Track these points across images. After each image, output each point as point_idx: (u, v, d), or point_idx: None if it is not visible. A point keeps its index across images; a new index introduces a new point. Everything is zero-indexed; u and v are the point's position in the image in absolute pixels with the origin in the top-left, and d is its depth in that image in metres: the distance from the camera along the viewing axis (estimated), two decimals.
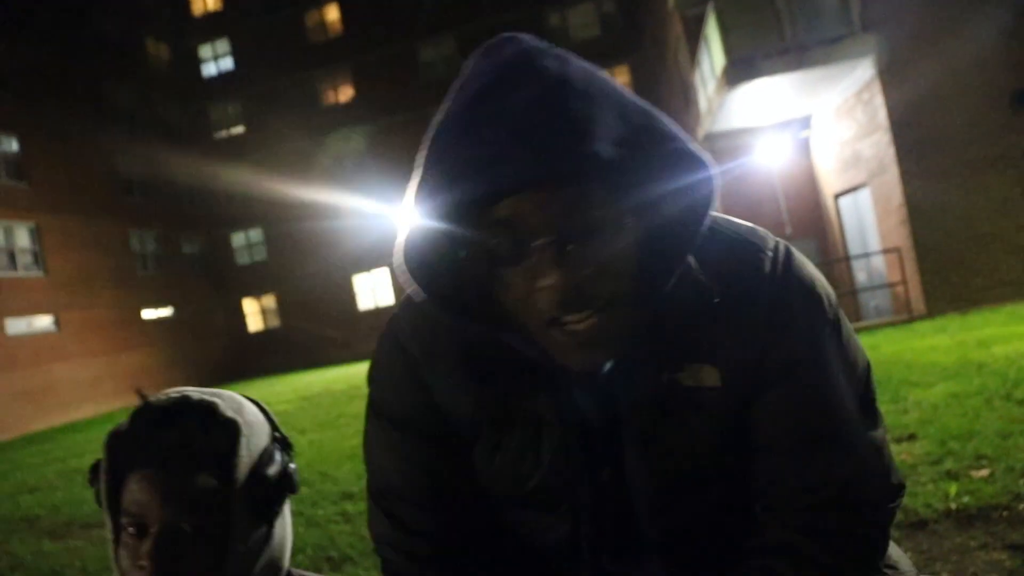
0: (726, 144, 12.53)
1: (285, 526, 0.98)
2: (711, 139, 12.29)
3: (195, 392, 0.92)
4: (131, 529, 0.86)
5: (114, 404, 20.12)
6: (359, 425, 7.42)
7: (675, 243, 0.75)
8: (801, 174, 12.69)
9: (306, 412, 11.57)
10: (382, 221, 24.93)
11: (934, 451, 4.15)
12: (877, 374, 5.38)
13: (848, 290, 11.90)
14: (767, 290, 0.81)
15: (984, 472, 3.74)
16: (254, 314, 26.70)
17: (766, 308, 0.80)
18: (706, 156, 0.72)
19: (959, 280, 9.23)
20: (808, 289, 0.83)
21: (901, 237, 9.57)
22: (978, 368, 5.95)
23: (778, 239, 0.85)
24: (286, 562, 0.99)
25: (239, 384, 22.08)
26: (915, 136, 9.20)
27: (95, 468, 0.94)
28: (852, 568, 0.80)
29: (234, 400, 0.94)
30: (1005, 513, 3.24)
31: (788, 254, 0.83)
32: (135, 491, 0.86)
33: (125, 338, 21.13)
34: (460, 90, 0.73)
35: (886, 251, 10.00)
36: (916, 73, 8.98)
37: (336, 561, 4.22)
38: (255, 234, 26.37)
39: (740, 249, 0.82)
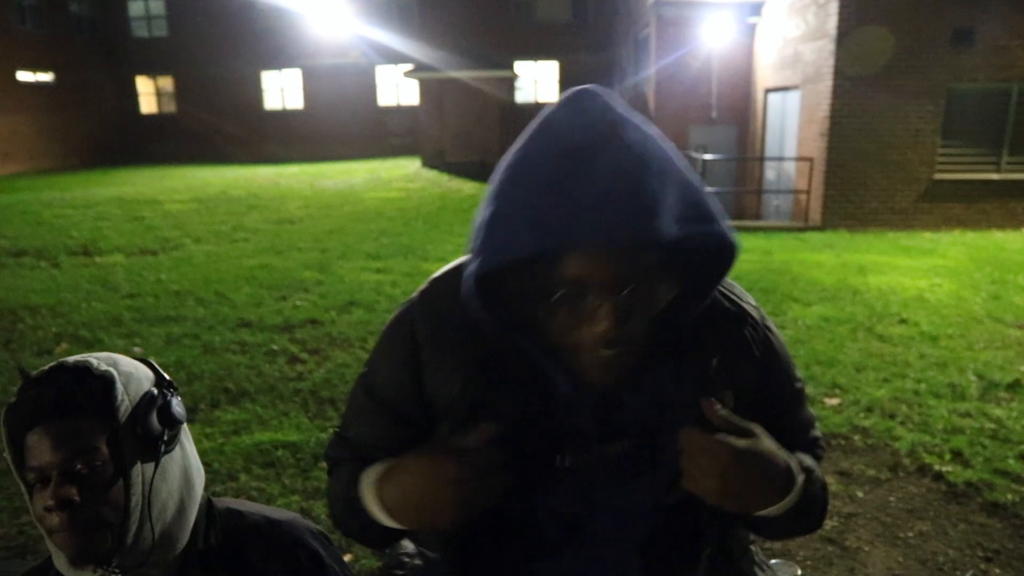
0: (674, 13, 12.16)
1: (187, 457, 1.07)
2: (660, 5, 11.87)
3: (70, 359, 1.01)
4: (38, 484, 0.96)
5: None
6: (259, 242, 7.31)
7: (690, 301, 0.90)
8: (739, 60, 12.60)
9: (201, 217, 11.12)
10: (301, 18, 22.92)
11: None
12: (765, 283, 5.87)
13: (755, 188, 12.35)
14: (757, 343, 0.99)
15: (835, 401, 4.23)
16: (148, 95, 24.51)
17: (761, 359, 0.99)
18: (737, 242, 0.84)
19: (857, 200, 9.77)
20: (783, 350, 1.03)
21: (817, 148, 9.89)
22: (853, 295, 6.46)
23: (760, 310, 1.03)
24: (198, 491, 1.08)
25: (126, 169, 20.70)
26: (856, 52, 9.25)
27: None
28: None
29: (109, 358, 1.03)
30: (843, 442, 3.73)
31: (767, 322, 1.03)
32: (32, 448, 0.95)
33: None
34: (544, 139, 0.82)
35: (800, 159, 10.34)
36: None
37: (234, 394, 4.30)
38: (156, 5, 23.58)
39: (733, 312, 0.99)
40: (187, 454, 1.07)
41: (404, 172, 17.42)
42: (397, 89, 23.33)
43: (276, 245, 8.68)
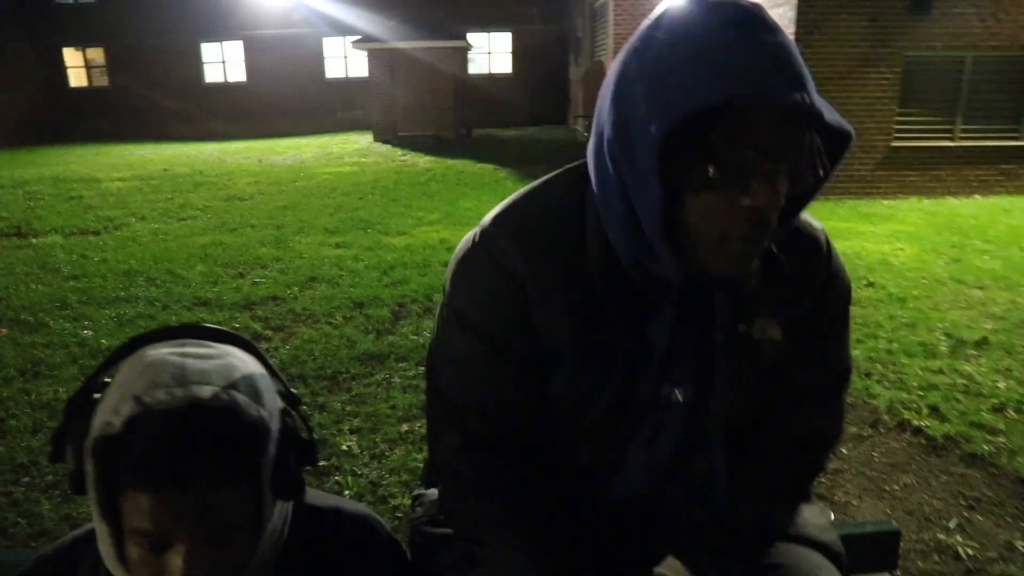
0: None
1: None
2: None
3: (207, 388, 0.74)
4: (144, 543, 0.74)
5: None
6: (209, 220, 7.06)
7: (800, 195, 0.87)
8: None
9: (145, 195, 10.63)
10: None
11: None
12: None
13: None
14: (824, 269, 1.00)
15: None
16: (77, 68, 23.28)
17: (822, 283, 1.00)
18: (852, 131, 0.85)
19: None
20: (844, 274, 1.04)
21: None
22: None
23: (825, 232, 1.03)
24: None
25: (56, 147, 19.67)
26: (817, 15, 9.28)
27: (61, 439, 0.78)
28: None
29: (247, 378, 0.78)
30: None
31: (832, 244, 1.03)
32: (147, 511, 0.71)
33: None
34: (683, 17, 0.79)
35: None
36: None
37: None
38: None
39: (806, 232, 1.00)
40: None
41: (356, 147, 17.01)
42: (345, 61, 22.72)
43: (228, 222, 8.36)
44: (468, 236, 0.97)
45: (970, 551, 2.56)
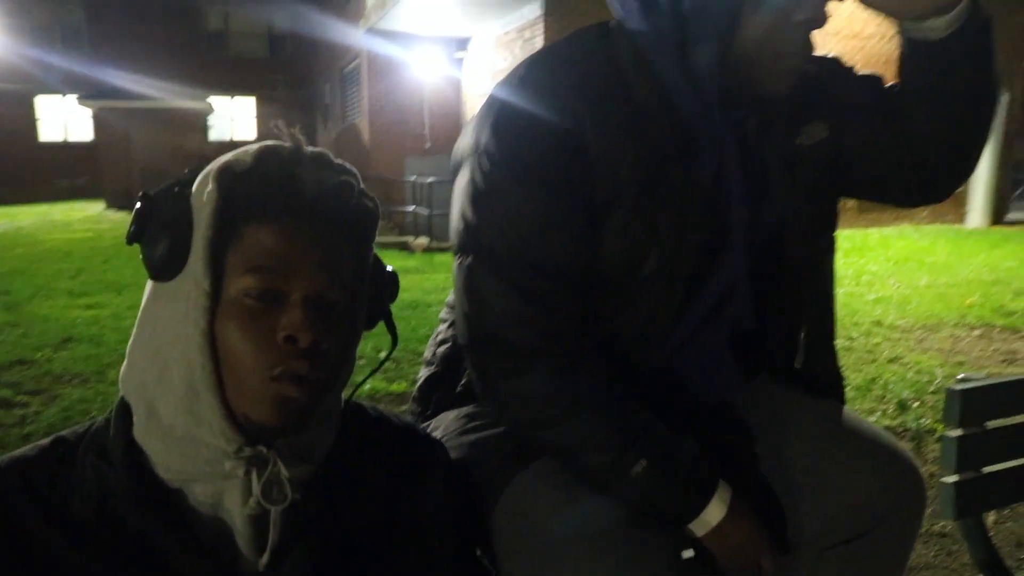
0: (385, 46, 12.47)
1: None
2: (373, 33, 12.08)
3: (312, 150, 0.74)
4: (254, 292, 0.66)
5: None
6: None
7: None
8: (450, 93, 13.29)
9: None
10: None
11: None
12: None
13: None
14: (843, 65, 1.02)
15: None
16: None
17: (845, 73, 1.02)
18: None
19: None
20: None
21: None
22: None
23: None
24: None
25: None
26: None
27: (152, 201, 0.69)
28: None
29: None
30: None
31: None
32: (271, 242, 0.67)
33: None
34: None
35: None
36: (579, 20, 10.01)
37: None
38: None
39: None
40: None
41: (84, 215, 15.15)
42: (65, 123, 20.27)
43: None
44: (501, 84, 0.92)
45: None
